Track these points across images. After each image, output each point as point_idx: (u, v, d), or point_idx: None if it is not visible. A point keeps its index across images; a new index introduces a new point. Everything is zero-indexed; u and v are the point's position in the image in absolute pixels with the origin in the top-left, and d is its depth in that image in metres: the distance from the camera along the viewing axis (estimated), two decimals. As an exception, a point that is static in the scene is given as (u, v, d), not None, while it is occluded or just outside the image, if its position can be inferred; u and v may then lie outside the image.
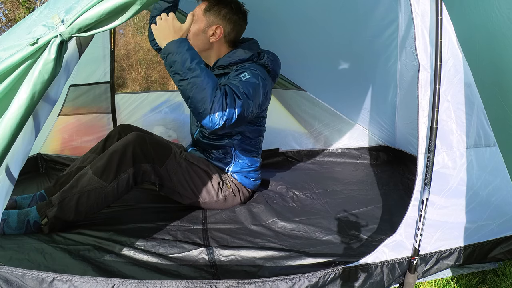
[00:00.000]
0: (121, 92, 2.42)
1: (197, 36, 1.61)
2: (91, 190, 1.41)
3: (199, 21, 1.59)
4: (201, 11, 1.60)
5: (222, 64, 1.63)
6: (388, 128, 2.51)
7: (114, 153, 1.45)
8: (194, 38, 1.61)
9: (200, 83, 1.29)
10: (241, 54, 1.61)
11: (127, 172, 1.46)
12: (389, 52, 2.01)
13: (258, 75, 1.50)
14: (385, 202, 1.84)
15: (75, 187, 1.41)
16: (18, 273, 0.96)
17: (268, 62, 1.64)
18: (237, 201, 1.75)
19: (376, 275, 1.18)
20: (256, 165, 1.81)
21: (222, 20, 1.60)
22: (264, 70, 1.59)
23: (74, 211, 1.39)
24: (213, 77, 1.34)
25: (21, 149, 0.91)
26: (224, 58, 1.64)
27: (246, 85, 1.43)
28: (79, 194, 1.39)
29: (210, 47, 1.65)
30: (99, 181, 1.41)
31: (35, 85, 0.83)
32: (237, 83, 1.42)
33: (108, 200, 1.46)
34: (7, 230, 1.34)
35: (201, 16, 1.59)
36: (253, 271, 1.22)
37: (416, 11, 1.14)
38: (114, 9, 0.86)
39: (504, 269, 1.35)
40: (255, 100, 1.46)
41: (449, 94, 1.19)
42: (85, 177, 1.42)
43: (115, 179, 1.43)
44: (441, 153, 1.20)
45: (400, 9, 1.77)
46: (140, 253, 1.27)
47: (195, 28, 1.60)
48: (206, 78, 1.30)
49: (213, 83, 1.32)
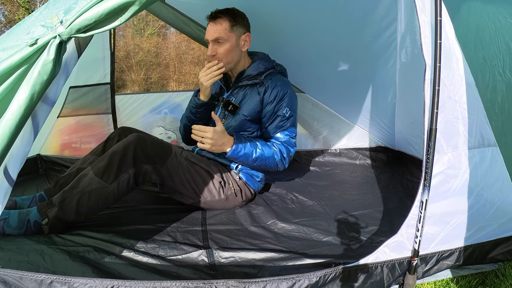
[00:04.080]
0: (121, 93, 2.43)
1: (232, 52, 1.70)
2: (92, 191, 1.41)
3: (230, 38, 1.67)
4: (226, 29, 1.66)
5: (251, 74, 1.75)
6: (388, 129, 2.51)
7: (115, 154, 1.45)
8: (229, 55, 1.70)
9: (265, 163, 1.67)
10: (264, 63, 1.78)
11: (128, 172, 1.46)
12: (388, 53, 2.01)
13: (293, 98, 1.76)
14: (384, 204, 1.84)
15: (76, 187, 1.41)
16: (17, 275, 0.96)
17: (282, 70, 1.86)
18: (239, 201, 1.75)
19: (376, 275, 1.18)
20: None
21: (246, 28, 1.74)
22: (286, 79, 1.84)
23: (75, 211, 1.39)
24: (268, 149, 1.66)
25: (19, 150, 0.91)
26: (250, 68, 1.77)
27: (291, 126, 1.74)
28: (80, 195, 1.39)
29: (241, 58, 1.76)
30: (100, 181, 1.41)
31: (34, 86, 0.83)
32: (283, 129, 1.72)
33: (109, 201, 1.46)
34: (7, 229, 1.34)
35: (229, 34, 1.67)
36: (253, 272, 1.22)
37: (421, 8, 1.12)
38: (113, 10, 0.86)
39: (504, 270, 1.35)
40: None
41: (457, 95, 1.18)
42: (86, 177, 1.42)
43: (116, 179, 1.44)
44: (446, 154, 1.20)
45: (399, 9, 1.77)
46: (140, 255, 1.27)
47: (228, 46, 1.67)
48: (266, 156, 1.64)
49: (271, 155, 1.66)
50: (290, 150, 1.72)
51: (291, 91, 1.76)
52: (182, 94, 2.67)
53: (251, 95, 1.74)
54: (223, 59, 1.68)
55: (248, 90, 1.76)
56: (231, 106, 1.76)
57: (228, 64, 1.71)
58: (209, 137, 1.52)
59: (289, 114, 1.72)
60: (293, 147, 1.74)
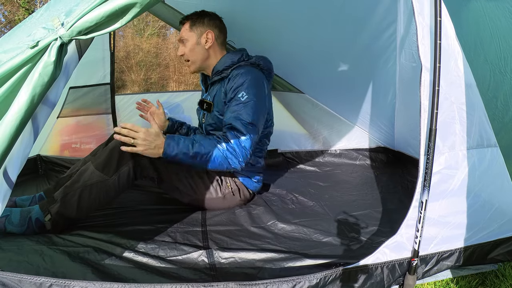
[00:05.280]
0: (120, 93, 2.44)
1: (194, 50, 1.75)
2: (93, 184, 1.42)
3: (190, 38, 1.74)
4: (187, 29, 1.74)
5: (218, 69, 1.75)
6: (387, 130, 2.51)
7: (115, 148, 1.46)
8: (192, 53, 1.75)
9: (211, 159, 1.49)
10: (231, 56, 1.75)
11: (128, 165, 1.47)
12: (388, 53, 2.02)
13: (254, 83, 1.62)
14: (384, 204, 1.84)
15: (77, 182, 1.42)
16: (16, 278, 0.95)
17: (258, 61, 1.76)
18: (237, 200, 1.75)
19: (376, 276, 1.18)
20: (259, 165, 1.82)
21: (208, 26, 1.74)
22: (257, 70, 1.72)
23: (77, 206, 1.40)
24: (208, 140, 1.50)
25: (19, 152, 0.91)
26: (217, 64, 1.76)
27: (246, 111, 1.56)
28: (81, 188, 1.40)
29: (208, 55, 1.77)
30: (100, 174, 1.43)
31: (35, 88, 0.83)
32: (237, 114, 1.56)
33: (110, 194, 1.47)
34: (9, 226, 1.34)
35: (189, 33, 1.74)
36: (253, 273, 1.22)
37: (419, 10, 1.12)
38: (114, 12, 0.86)
39: (504, 271, 1.35)
40: (260, 117, 1.63)
41: (453, 95, 1.18)
42: (87, 171, 1.44)
43: (116, 172, 1.45)
44: (443, 154, 1.20)
45: (399, 10, 1.78)
46: (140, 256, 1.27)
47: (190, 45, 1.74)
48: (207, 149, 1.48)
49: (214, 147, 1.49)
50: (241, 139, 1.52)
51: (254, 77, 1.64)
52: (182, 95, 2.67)
53: (219, 90, 1.74)
54: (190, 58, 1.77)
55: (218, 86, 1.76)
56: (205, 104, 1.81)
57: (194, 62, 1.77)
58: (142, 138, 1.39)
59: (245, 98, 1.57)
60: (247, 135, 1.53)
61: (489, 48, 1.38)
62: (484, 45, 1.38)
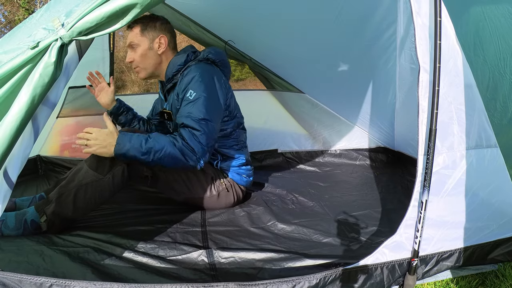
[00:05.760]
0: (120, 93, 2.43)
1: (146, 56, 1.66)
2: (88, 184, 1.42)
3: (141, 43, 1.64)
4: (137, 34, 1.65)
5: (169, 76, 1.68)
6: (387, 130, 2.51)
7: None
8: (144, 59, 1.66)
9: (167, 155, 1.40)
10: (177, 60, 1.66)
11: (121, 164, 1.47)
12: (388, 54, 2.02)
13: (202, 79, 1.54)
14: (384, 205, 1.85)
15: (72, 181, 1.42)
16: (16, 278, 0.95)
17: (207, 55, 1.68)
18: (231, 198, 1.75)
19: (376, 276, 1.18)
20: (242, 159, 1.81)
21: (160, 31, 1.67)
22: (206, 64, 1.65)
23: (72, 206, 1.40)
24: (163, 137, 1.43)
25: (19, 153, 0.91)
26: (167, 70, 1.68)
27: (197, 108, 1.49)
28: (76, 188, 1.40)
29: (160, 61, 1.69)
30: (94, 174, 1.43)
31: (35, 89, 0.83)
32: (187, 113, 1.48)
33: (105, 194, 1.46)
34: (5, 230, 1.34)
35: (140, 38, 1.64)
36: (252, 273, 1.22)
37: (417, 11, 1.12)
38: (115, 13, 0.86)
39: (504, 271, 1.35)
40: (214, 111, 1.53)
41: (451, 96, 1.19)
42: (81, 171, 1.44)
43: (110, 171, 1.45)
44: (441, 154, 1.20)
45: (399, 11, 1.78)
46: (140, 256, 1.27)
47: (141, 50, 1.64)
48: (161, 145, 1.40)
49: (169, 143, 1.41)
50: (196, 135, 1.45)
51: (201, 72, 1.56)
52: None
53: (173, 96, 1.67)
54: (139, 65, 1.67)
55: (172, 93, 1.70)
56: (166, 114, 1.75)
57: (146, 68, 1.68)
58: (93, 138, 1.38)
59: (194, 96, 1.51)
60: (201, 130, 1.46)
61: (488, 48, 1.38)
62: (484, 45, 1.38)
